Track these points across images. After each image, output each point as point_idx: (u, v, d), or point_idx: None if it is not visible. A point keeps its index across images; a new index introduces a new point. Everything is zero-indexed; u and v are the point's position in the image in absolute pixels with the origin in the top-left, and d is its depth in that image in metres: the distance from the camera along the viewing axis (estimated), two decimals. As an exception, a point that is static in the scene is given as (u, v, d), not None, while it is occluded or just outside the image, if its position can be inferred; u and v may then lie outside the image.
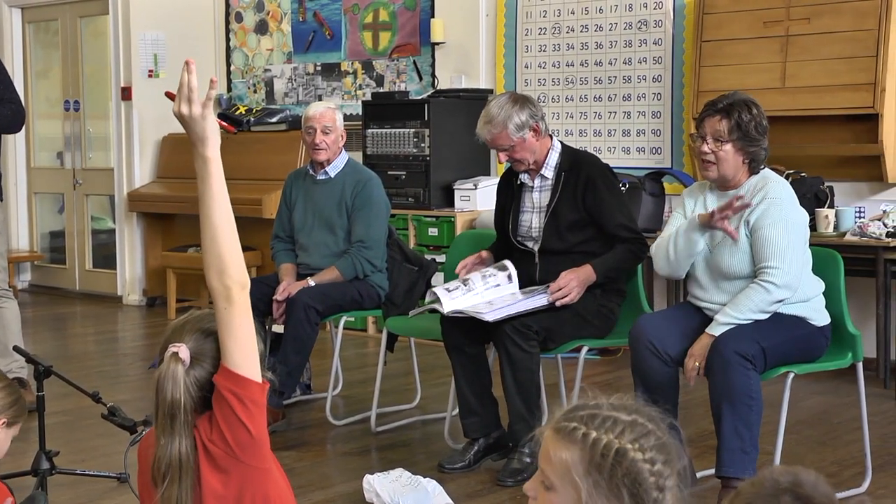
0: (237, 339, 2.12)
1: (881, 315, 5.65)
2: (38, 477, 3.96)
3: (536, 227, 4.46)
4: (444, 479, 4.15)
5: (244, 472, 2.15)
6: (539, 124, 4.37)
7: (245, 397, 2.12)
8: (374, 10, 8.00)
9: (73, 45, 9.30)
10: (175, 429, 2.12)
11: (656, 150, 6.80)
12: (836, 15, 5.86)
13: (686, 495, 1.69)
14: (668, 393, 3.89)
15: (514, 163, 4.43)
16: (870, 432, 4.17)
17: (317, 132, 5.19)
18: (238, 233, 2.18)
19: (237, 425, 2.12)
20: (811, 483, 1.52)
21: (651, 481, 1.65)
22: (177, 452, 2.12)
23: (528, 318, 4.16)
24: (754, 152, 3.88)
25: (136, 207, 8.67)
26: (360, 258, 5.08)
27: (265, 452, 2.18)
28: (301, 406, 5.41)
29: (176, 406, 2.12)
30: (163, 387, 2.13)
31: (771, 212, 3.81)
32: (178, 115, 2.16)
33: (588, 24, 7.02)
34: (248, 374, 2.13)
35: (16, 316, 5.40)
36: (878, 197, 5.97)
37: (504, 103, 4.35)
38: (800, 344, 3.87)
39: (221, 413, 2.13)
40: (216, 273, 2.13)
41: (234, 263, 2.14)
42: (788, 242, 3.80)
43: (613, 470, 1.65)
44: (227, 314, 2.12)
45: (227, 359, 2.13)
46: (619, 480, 1.65)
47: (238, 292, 2.12)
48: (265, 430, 2.17)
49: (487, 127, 4.37)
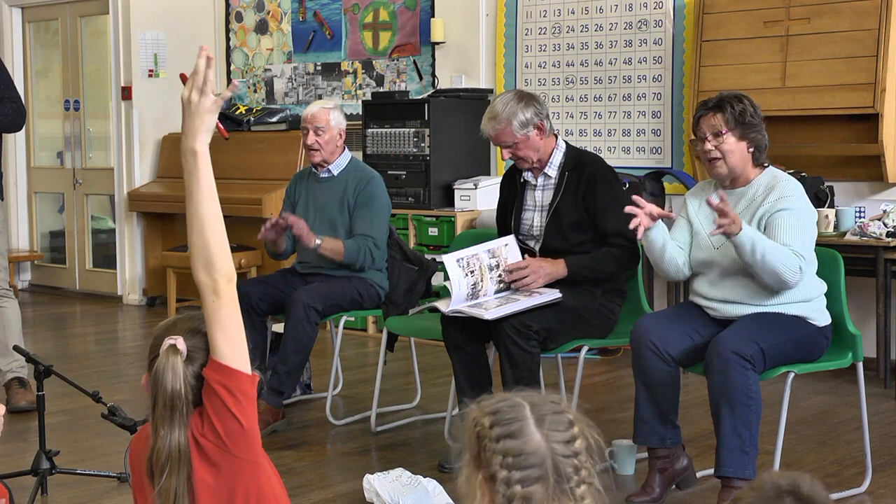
0: (226, 331, 2.13)
1: (881, 315, 5.65)
2: (38, 477, 3.96)
3: (538, 225, 4.45)
4: (444, 478, 4.15)
5: (235, 466, 2.16)
6: (544, 122, 4.37)
7: (235, 389, 2.13)
8: (374, 10, 8.00)
9: (73, 45, 9.30)
10: (175, 420, 2.13)
11: (656, 150, 6.80)
12: (836, 15, 5.86)
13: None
14: (669, 393, 3.90)
15: (518, 160, 4.43)
16: (870, 432, 4.17)
17: (310, 132, 5.19)
18: (238, 232, 2.19)
19: (228, 417, 2.13)
20: (809, 486, 1.54)
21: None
22: (176, 443, 2.12)
23: (528, 318, 4.16)
24: (755, 138, 3.91)
25: (136, 207, 8.67)
26: (367, 247, 5.06)
27: (256, 446, 2.19)
28: (301, 406, 5.41)
29: (176, 396, 2.13)
30: (162, 378, 2.13)
31: (791, 206, 3.82)
32: (186, 100, 2.16)
33: (588, 24, 7.02)
34: (238, 366, 2.14)
35: (16, 315, 5.40)
36: (878, 197, 5.98)
37: (509, 100, 4.35)
38: (800, 344, 3.87)
39: (212, 406, 2.14)
40: (203, 266, 2.14)
41: (221, 256, 2.14)
42: (808, 239, 3.84)
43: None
44: (214, 307, 2.13)
45: (216, 352, 2.14)
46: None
47: (225, 285, 2.13)
48: (256, 422, 2.18)
49: (492, 123, 4.37)
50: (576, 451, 1.74)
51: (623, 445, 4.24)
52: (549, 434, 1.73)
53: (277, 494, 2.23)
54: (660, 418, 3.90)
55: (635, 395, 3.94)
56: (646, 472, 4.02)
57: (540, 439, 1.72)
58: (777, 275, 3.75)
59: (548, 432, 1.73)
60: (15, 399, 5.25)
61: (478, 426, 1.76)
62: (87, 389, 4.05)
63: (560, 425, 1.75)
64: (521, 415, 1.75)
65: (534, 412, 1.75)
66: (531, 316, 4.17)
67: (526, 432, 1.73)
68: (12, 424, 4.88)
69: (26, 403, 5.20)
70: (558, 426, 1.75)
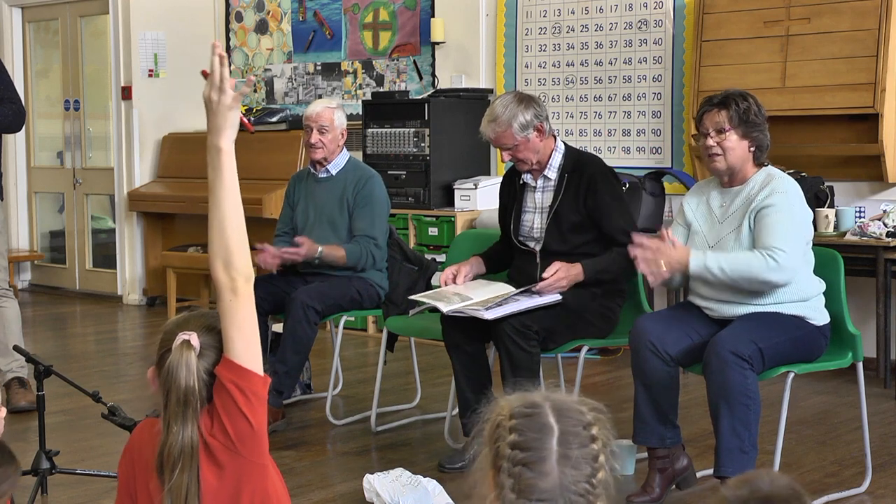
0: (241, 330, 2.14)
1: (881, 315, 5.65)
2: (38, 477, 3.96)
3: (538, 227, 4.45)
4: (444, 478, 4.15)
5: (241, 466, 2.15)
6: (543, 124, 4.37)
7: (247, 389, 2.13)
8: (374, 10, 8.00)
9: (73, 45, 9.30)
10: (188, 416, 2.12)
11: (656, 150, 6.80)
12: (836, 15, 5.86)
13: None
14: (668, 393, 3.90)
15: (518, 162, 4.43)
16: (870, 432, 4.17)
17: (313, 131, 5.20)
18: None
19: (238, 417, 2.13)
20: (769, 483, 1.52)
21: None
22: (189, 439, 2.12)
23: (528, 318, 4.16)
24: (758, 137, 3.91)
25: (137, 207, 8.67)
26: (368, 249, 5.07)
27: (263, 448, 2.19)
28: (301, 406, 5.42)
29: (190, 392, 2.12)
30: (176, 374, 2.12)
31: (779, 203, 3.82)
32: (207, 99, 2.18)
33: (588, 24, 7.02)
34: (251, 366, 2.14)
35: (16, 315, 5.40)
36: (878, 197, 5.97)
37: (509, 102, 4.35)
38: (799, 343, 3.86)
39: (223, 405, 2.13)
40: (223, 264, 2.15)
41: (240, 255, 2.15)
42: (793, 232, 3.81)
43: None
44: (231, 305, 2.13)
45: (230, 350, 2.14)
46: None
47: (243, 284, 2.14)
48: (265, 424, 2.18)
49: (492, 125, 4.36)
50: (594, 485, 1.62)
51: (623, 445, 4.24)
52: (569, 473, 1.61)
53: (281, 496, 2.23)
54: (659, 418, 3.90)
55: (635, 395, 3.94)
56: (646, 472, 4.02)
57: (557, 480, 1.60)
58: (754, 279, 3.76)
59: (569, 471, 1.61)
60: (15, 399, 5.25)
61: (499, 433, 1.64)
62: (87, 389, 4.04)
63: (584, 463, 1.62)
64: (546, 445, 1.62)
65: (560, 444, 1.62)
66: (531, 316, 4.17)
67: (545, 469, 1.60)
68: (12, 424, 4.88)
69: (26, 403, 5.19)
70: (582, 465, 1.62)
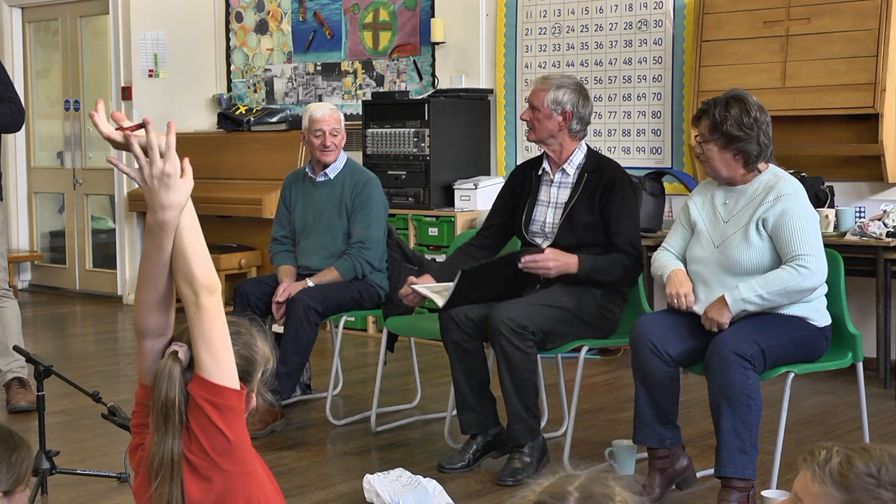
0: (209, 345, 2.08)
1: (881, 315, 5.65)
2: (38, 477, 3.96)
3: (551, 222, 4.45)
4: (444, 478, 4.15)
5: (227, 479, 2.12)
6: (571, 117, 4.41)
7: (221, 404, 2.08)
8: (374, 10, 8.00)
9: (73, 45, 9.30)
10: (168, 428, 2.10)
11: (656, 150, 6.80)
12: (836, 15, 5.86)
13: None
14: (668, 393, 3.90)
15: (529, 130, 4.48)
16: (870, 432, 4.18)
17: (326, 134, 5.22)
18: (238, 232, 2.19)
19: (214, 432, 2.09)
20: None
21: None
22: (168, 451, 2.10)
23: (524, 319, 4.15)
24: (741, 147, 3.89)
25: (137, 207, 8.67)
26: (360, 259, 5.09)
27: (246, 456, 2.15)
28: (301, 406, 5.41)
29: (170, 405, 2.10)
30: (159, 384, 2.11)
31: (791, 206, 3.82)
32: (149, 178, 2.17)
33: (588, 24, 7.02)
34: (223, 381, 2.09)
35: (16, 316, 5.40)
36: (878, 197, 5.98)
37: (567, 80, 4.48)
38: (800, 344, 3.86)
39: (197, 422, 2.10)
40: (184, 279, 2.09)
41: (199, 267, 2.09)
42: (811, 232, 3.83)
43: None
44: (196, 319, 2.08)
45: (199, 366, 2.09)
46: None
47: (206, 297, 2.07)
48: (244, 433, 2.14)
49: (539, 81, 4.49)
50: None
51: (623, 445, 4.24)
52: None
53: (270, 497, 2.21)
54: (659, 418, 3.90)
55: (635, 396, 3.94)
56: (646, 472, 4.02)
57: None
58: (793, 292, 3.78)
59: None
60: (15, 399, 5.25)
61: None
62: (86, 389, 4.04)
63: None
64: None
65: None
66: (528, 316, 4.17)
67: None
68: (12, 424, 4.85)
69: (26, 403, 5.19)
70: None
